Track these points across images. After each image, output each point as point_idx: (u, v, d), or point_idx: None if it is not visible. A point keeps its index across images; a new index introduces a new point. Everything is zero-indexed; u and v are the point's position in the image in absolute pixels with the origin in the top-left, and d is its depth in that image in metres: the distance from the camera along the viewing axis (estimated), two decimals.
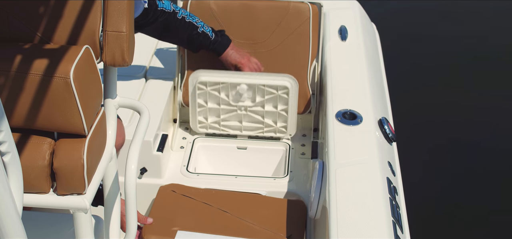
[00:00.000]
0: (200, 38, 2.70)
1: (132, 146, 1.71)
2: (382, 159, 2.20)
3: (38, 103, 1.48)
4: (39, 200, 1.56)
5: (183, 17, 2.66)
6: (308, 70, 2.86)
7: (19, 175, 1.26)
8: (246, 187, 2.60)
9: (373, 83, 2.68)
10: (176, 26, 2.65)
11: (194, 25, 2.68)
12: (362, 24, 3.18)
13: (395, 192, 2.11)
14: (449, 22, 6.13)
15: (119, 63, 1.65)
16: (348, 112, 2.40)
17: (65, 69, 1.45)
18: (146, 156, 2.60)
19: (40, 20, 1.60)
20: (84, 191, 1.57)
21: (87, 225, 1.70)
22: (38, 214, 2.00)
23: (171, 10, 2.63)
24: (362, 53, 2.86)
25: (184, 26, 2.66)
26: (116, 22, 1.62)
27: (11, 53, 1.50)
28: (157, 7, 2.57)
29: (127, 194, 1.72)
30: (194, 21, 2.69)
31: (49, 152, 1.52)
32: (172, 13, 2.63)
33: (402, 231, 1.97)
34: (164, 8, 2.60)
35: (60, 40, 1.61)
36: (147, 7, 2.51)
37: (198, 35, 2.69)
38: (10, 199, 1.19)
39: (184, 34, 2.69)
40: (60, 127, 1.52)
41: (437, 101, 4.91)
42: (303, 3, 2.85)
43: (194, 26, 2.68)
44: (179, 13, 2.65)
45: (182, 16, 2.65)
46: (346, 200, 1.96)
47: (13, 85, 1.47)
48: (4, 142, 1.17)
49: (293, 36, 2.85)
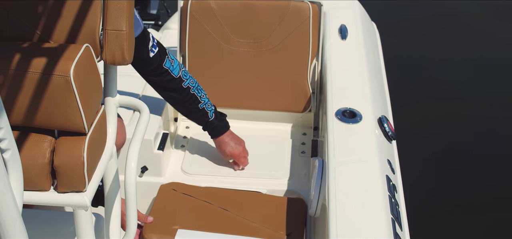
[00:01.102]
0: (199, 114, 2.58)
1: (132, 144, 1.72)
2: (382, 157, 2.21)
3: (39, 101, 1.49)
4: (39, 197, 1.57)
5: (188, 87, 2.50)
6: (308, 69, 2.87)
7: (19, 172, 1.27)
8: (247, 185, 2.61)
9: (373, 82, 2.69)
10: (178, 93, 2.50)
11: (197, 99, 2.54)
12: (362, 23, 3.19)
13: (395, 190, 2.12)
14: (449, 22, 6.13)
15: (119, 61, 1.66)
16: (348, 110, 2.41)
17: (66, 68, 1.46)
18: (147, 154, 2.61)
19: (40, 19, 1.61)
20: (85, 188, 1.58)
21: (87, 223, 1.71)
22: (38, 212, 2.01)
23: (177, 76, 2.46)
24: (362, 52, 2.86)
25: (186, 97, 2.51)
26: (116, 21, 1.62)
27: (11, 52, 1.50)
28: (162, 63, 2.39)
29: (127, 192, 1.73)
30: (199, 95, 2.54)
31: (49, 149, 1.53)
32: (177, 79, 2.46)
33: (401, 228, 1.97)
34: (171, 71, 2.43)
35: (60, 38, 1.62)
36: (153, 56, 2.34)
37: (198, 110, 2.57)
38: (11, 196, 1.20)
39: (184, 104, 2.56)
40: (60, 125, 1.53)
41: (437, 100, 4.92)
42: (303, 2, 2.85)
43: (197, 100, 2.54)
44: (186, 82, 2.49)
45: (187, 86, 2.50)
46: (345, 198, 1.97)
47: (13, 83, 1.48)
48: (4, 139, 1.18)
49: (293, 35, 2.85)
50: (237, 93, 2.92)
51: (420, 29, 5.96)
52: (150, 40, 2.31)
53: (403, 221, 2.05)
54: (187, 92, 2.51)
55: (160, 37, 3.44)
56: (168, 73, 2.43)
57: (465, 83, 5.13)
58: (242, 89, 2.91)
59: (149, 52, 2.32)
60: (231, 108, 2.94)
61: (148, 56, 2.32)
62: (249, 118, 3.01)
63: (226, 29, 2.85)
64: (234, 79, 2.91)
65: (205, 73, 2.89)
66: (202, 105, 2.56)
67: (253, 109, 2.96)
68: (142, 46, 2.28)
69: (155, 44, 2.35)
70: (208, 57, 2.88)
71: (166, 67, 2.41)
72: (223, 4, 2.86)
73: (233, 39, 2.86)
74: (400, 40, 5.60)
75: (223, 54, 2.88)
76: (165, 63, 2.40)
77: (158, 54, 2.36)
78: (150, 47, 2.32)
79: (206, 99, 2.57)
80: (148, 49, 2.31)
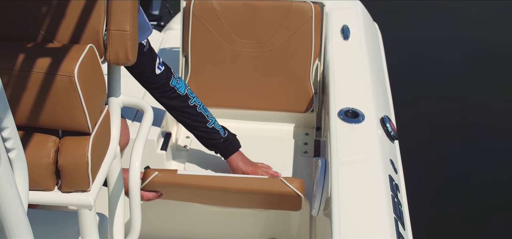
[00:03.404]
0: (209, 132, 2.51)
1: (136, 143, 1.72)
2: (384, 157, 2.21)
3: (43, 101, 1.49)
4: (44, 197, 1.58)
5: (195, 105, 2.48)
6: (311, 69, 2.87)
7: (24, 171, 1.28)
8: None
9: (375, 82, 2.69)
10: (185, 111, 2.47)
11: (205, 118, 2.50)
12: (365, 23, 3.19)
13: (397, 190, 2.12)
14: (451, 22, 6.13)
15: (122, 62, 1.67)
16: (350, 110, 2.41)
17: (70, 68, 1.47)
18: (150, 154, 2.61)
19: (44, 19, 1.62)
20: (89, 188, 1.59)
21: (91, 222, 1.71)
22: (42, 212, 2.02)
23: (183, 94, 2.44)
24: (364, 52, 2.87)
25: (193, 115, 2.48)
26: (120, 21, 1.63)
27: (16, 52, 1.51)
28: (169, 82, 2.39)
29: (131, 191, 1.73)
30: (206, 114, 2.51)
31: (53, 149, 1.54)
32: (184, 96, 2.45)
33: (404, 228, 1.98)
34: (177, 89, 2.42)
35: (64, 39, 1.63)
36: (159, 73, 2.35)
37: (208, 130, 2.51)
38: (16, 195, 1.20)
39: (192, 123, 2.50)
40: (64, 125, 1.54)
41: (439, 99, 4.92)
42: (306, 2, 2.86)
43: (204, 118, 2.50)
44: (192, 100, 2.47)
45: (194, 104, 2.47)
46: (348, 197, 1.97)
47: (18, 83, 1.48)
48: (10, 138, 1.18)
49: (295, 36, 2.86)
50: (239, 93, 2.92)
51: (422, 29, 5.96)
52: (156, 57, 2.33)
53: (406, 220, 2.05)
54: (193, 111, 2.48)
55: (162, 38, 3.45)
56: (174, 91, 2.42)
57: (468, 82, 5.13)
58: (245, 89, 2.92)
59: (156, 68, 2.33)
60: (233, 109, 2.95)
61: (154, 72, 2.33)
62: (251, 118, 3.01)
63: (229, 29, 2.86)
64: (236, 79, 2.91)
65: (207, 74, 2.89)
66: (210, 124, 2.51)
67: (256, 109, 2.97)
68: (149, 61, 2.29)
69: (161, 62, 2.36)
70: (211, 57, 2.89)
71: (172, 85, 2.41)
72: (226, 4, 2.86)
73: (235, 39, 2.87)
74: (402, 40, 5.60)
75: (225, 55, 2.89)
76: (171, 81, 2.40)
77: (165, 72, 2.37)
78: (157, 64, 2.33)
79: (213, 118, 2.53)
80: (155, 66, 2.32)
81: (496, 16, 6.22)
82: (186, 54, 2.91)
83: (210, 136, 2.52)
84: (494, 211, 3.87)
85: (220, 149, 2.56)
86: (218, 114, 2.98)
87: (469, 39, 5.78)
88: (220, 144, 2.54)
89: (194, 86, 2.90)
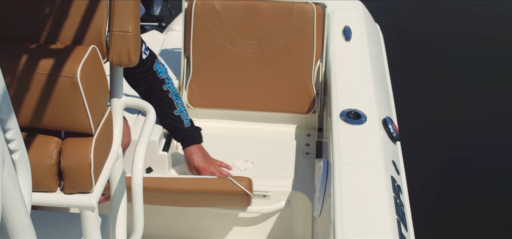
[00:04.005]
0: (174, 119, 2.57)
1: (138, 144, 1.72)
2: (386, 158, 2.21)
3: (45, 102, 1.49)
4: (46, 198, 1.58)
5: (168, 90, 2.53)
6: (313, 70, 2.87)
7: (28, 172, 1.27)
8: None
9: (377, 83, 2.69)
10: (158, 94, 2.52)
11: (173, 105, 2.55)
12: (366, 24, 3.19)
13: (400, 191, 2.12)
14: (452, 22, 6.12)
15: (125, 63, 1.66)
16: (352, 112, 2.41)
17: (72, 69, 1.47)
18: (152, 156, 2.61)
19: (46, 20, 1.61)
20: (91, 189, 1.58)
21: (94, 223, 1.71)
22: (45, 213, 2.02)
23: (161, 78, 2.50)
24: (366, 53, 2.87)
25: (164, 100, 2.53)
26: (122, 22, 1.63)
27: (18, 53, 1.51)
28: (152, 66, 2.47)
29: (134, 192, 1.73)
30: (176, 102, 2.55)
31: (56, 151, 1.54)
32: (161, 80, 2.51)
33: (406, 229, 1.97)
34: (158, 72, 2.48)
35: (66, 40, 1.63)
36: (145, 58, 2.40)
37: (173, 116, 2.56)
38: (20, 196, 1.20)
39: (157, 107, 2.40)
40: (67, 126, 1.54)
41: (441, 100, 4.92)
42: (307, 3, 2.86)
43: (173, 105, 2.55)
44: (167, 85, 2.52)
45: (167, 89, 2.53)
46: (350, 198, 1.97)
47: (20, 85, 1.48)
48: (13, 139, 1.18)
49: (297, 37, 2.86)
50: (241, 94, 2.92)
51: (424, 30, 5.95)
52: (143, 42, 2.38)
53: (408, 221, 2.04)
54: (165, 95, 2.52)
55: (164, 39, 3.45)
56: (155, 75, 2.48)
57: (470, 84, 5.12)
58: (247, 90, 2.92)
59: (142, 53, 2.39)
60: (235, 110, 2.95)
61: (141, 57, 2.37)
62: (253, 119, 3.01)
63: (231, 30, 2.86)
64: (238, 80, 2.91)
65: (209, 75, 2.89)
66: (177, 112, 2.56)
67: (258, 110, 2.97)
68: None
69: (146, 47, 2.42)
70: (213, 58, 2.89)
71: (155, 69, 2.47)
72: (227, 5, 2.86)
73: (237, 40, 2.87)
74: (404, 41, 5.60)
75: (227, 56, 2.89)
76: (155, 65, 2.47)
77: (150, 57, 2.43)
78: (143, 49, 2.39)
79: (182, 108, 2.58)
80: (142, 51, 2.37)
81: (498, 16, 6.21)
82: (187, 55, 2.91)
83: (174, 124, 2.58)
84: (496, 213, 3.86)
85: (180, 137, 2.62)
86: (220, 115, 2.98)
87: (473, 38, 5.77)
88: (181, 132, 2.59)
89: (195, 87, 2.91)
